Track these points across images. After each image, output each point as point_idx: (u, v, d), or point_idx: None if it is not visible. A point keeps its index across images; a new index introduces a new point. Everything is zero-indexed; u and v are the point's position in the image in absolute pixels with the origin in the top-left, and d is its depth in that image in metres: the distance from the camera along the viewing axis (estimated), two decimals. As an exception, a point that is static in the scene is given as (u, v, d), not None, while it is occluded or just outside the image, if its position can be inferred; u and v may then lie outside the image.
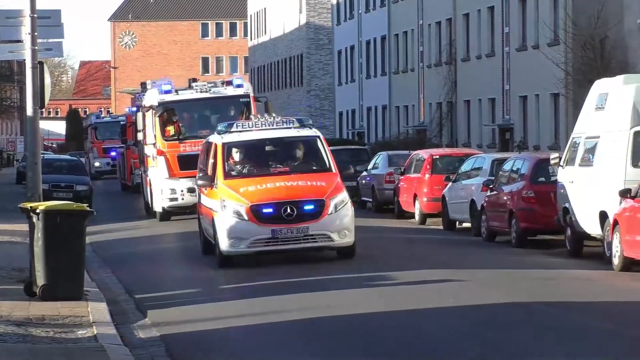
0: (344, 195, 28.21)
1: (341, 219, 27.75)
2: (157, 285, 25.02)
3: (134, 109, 55.61)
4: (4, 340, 17.03)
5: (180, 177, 40.66)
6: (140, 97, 48.49)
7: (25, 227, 22.70)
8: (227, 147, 29.14)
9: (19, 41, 25.93)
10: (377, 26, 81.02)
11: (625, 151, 25.64)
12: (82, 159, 75.09)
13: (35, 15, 25.75)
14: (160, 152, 40.86)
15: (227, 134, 29.66)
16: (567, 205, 29.10)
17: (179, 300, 23.06)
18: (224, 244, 27.12)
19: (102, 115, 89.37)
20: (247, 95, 41.83)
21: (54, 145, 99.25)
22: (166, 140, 40.90)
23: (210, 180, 28.72)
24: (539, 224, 31.00)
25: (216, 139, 29.77)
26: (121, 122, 67.02)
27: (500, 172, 34.32)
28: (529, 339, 17.71)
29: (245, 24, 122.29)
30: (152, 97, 42.02)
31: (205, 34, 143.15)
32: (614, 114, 27.24)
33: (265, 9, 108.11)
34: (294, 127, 30.08)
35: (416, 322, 19.36)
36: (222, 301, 23.09)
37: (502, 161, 35.96)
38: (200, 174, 30.58)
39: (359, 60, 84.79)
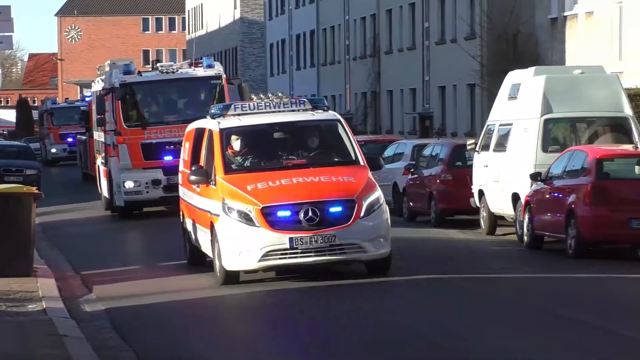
0: (377, 194, 20.19)
1: (376, 225, 19.69)
2: (102, 263, 24.92)
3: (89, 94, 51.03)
4: (-41, 314, 17.02)
5: (144, 168, 33.94)
6: (96, 81, 41.63)
7: (-22, 209, 22.55)
8: (226, 134, 21.52)
9: (-28, 35, 25.84)
10: (306, 21, 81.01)
11: (536, 138, 25.78)
12: (37, 145, 75.82)
13: (-13, 11, 25.66)
14: (121, 140, 33.79)
15: (224, 119, 21.98)
16: (482, 187, 29.26)
17: (123, 276, 23.00)
18: (228, 256, 19.64)
19: (58, 101, 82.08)
20: (219, 77, 34.70)
21: (5, 132, 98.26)
22: (128, 127, 33.86)
23: (206, 176, 21.03)
24: (456, 205, 31.15)
25: (210, 124, 22.11)
26: (82, 108, 59.68)
27: (421, 157, 34.49)
28: (446, 309, 17.90)
29: (184, 19, 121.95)
30: (112, 79, 34.99)
31: (146, 28, 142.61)
32: (525, 103, 27.37)
33: (202, 4, 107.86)
34: (306, 110, 22.34)
35: (346, 295, 19.44)
36: (161, 277, 23.02)
37: (422, 147, 36.18)
38: (193, 168, 22.06)
39: (290, 53, 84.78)
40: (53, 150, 72.62)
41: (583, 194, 22.58)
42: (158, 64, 35.87)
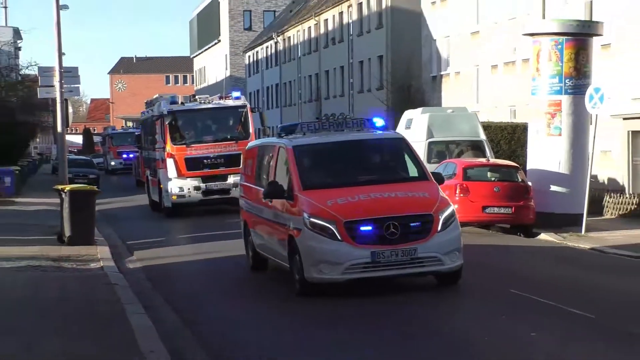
0: (451, 209, 15.30)
1: (452, 238, 15.04)
2: (141, 236, 24.75)
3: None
4: (45, 270, 16.83)
5: (187, 177, 30.45)
6: (146, 112, 37.32)
7: (57, 200, 22.42)
8: (299, 151, 16.03)
9: (52, 86, 25.63)
10: (273, 78, 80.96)
11: (423, 154, 25.87)
12: (101, 159, 74.11)
13: (62, 70, 25.49)
14: (169, 155, 30.49)
15: (293, 137, 16.57)
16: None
17: (154, 244, 22.86)
18: (310, 270, 14.64)
19: (116, 128, 78.66)
20: (245, 106, 31.65)
21: (74, 150, 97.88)
22: (174, 145, 30.45)
23: (282, 191, 15.60)
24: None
25: (281, 142, 16.43)
26: (135, 133, 56.61)
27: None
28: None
29: (192, 76, 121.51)
30: (161, 107, 31.74)
31: (167, 82, 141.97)
32: (416, 131, 27.49)
33: (204, 67, 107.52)
34: (368, 129, 17.12)
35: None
36: (178, 245, 22.87)
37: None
38: (269, 183, 16.15)
39: (262, 99, 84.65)
40: (112, 163, 68.96)
41: (453, 190, 22.64)
42: (197, 96, 33.03)
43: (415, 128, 28.00)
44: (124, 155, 65.87)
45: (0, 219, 27.73)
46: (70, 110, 27.28)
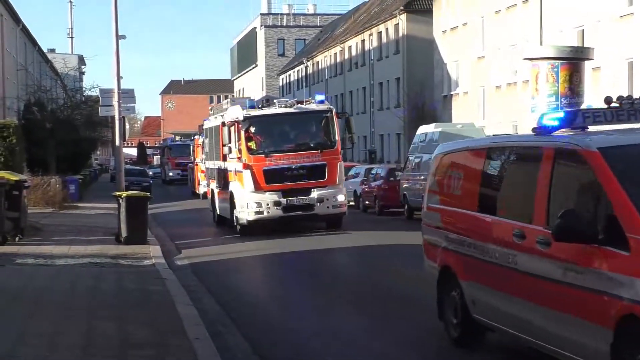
0: None
1: None
2: (188, 236, 24.78)
3: (201, 134, 39.83)
4: (104, 266, 16.85)
5: (265, 191, 23.72)
6: (210, 119, 30.76)
7: (115, 205, 22.48)
8: (617, 158, 7.28)
9: (111, 105, 25.74)
10: (303, 97, 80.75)
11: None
12: (158, 170, 72.23)
13: (120, 92, 25.61)
14: (246, 166, 23.87)
15: (586, 134, 8.06)
16: (405, 192, 29.17)
17: (199, 244, 22.88)
18: None
19: (174, 139, 71.16)
20: (330, 111, 24.62)
21: (130, 162, 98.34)
22: (252, 154, 23.83)
23: (599, 231, 6.91)
24: (391, 202, 31.07)
25: (569, 141, 7.76)
26: (185, 144, 55.09)
27: (370, 175, 34.43)
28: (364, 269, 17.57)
29: (233, 97, 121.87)
30: (236, 113, 24.82)
31: (211, 101, 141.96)
32: (429, 143, 27.44)
33: (244, 88, 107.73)
34: None
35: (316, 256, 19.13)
36: (224, 244, 22.86)
37: (370, 169, 36.16)
38: (569, 218, 6.96)
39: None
40: (170, 174, 63.80)
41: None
42: (275, 100, 26.17)
43: (428, 141, 28.02)
44: (182, 166, 59.52)
45: (65, 221, 27.84)
46: (127, 126, 27.44)
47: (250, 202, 23.82)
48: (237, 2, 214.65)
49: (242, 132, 23.97)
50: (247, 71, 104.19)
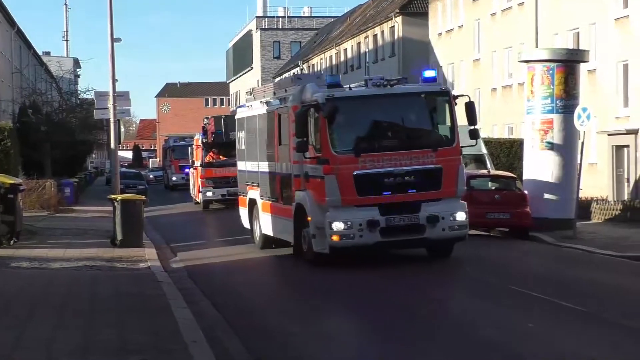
0: None
1: None
2: (183, 238, 24.73)
3: (200, 134, 38.14)
4: (100, 269, 16.82)
5: (355, 205, 16.40)
6: (247, 106, 21.82)
7: (110, 208, 22.44)
8: None
9: (106, 108, 25.71)
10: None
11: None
12: (160, 173, 68.17)
13: (115, 94, 25.59)
14: (328, 170, 16.40)
15: None
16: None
17: (195, 246, 22.80)
18: None
19: (178, 139, 61.55)
20: (447, 92, 17.22)
21: (125, 165, 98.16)
22: (337, 153, 16.41)
23: None
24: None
25: None
26: (189, 145, 46.55)
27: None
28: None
29: (228, 99, 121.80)
30: (306, 94, 17.32)
31: (206, 104, 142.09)
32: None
33: (239, 90, 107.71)
34: None
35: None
36: (217, 247, 22.69)
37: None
38: None
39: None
40: (174, 178, 57.21)
41: (461, 198, 21.39)
42: (365, 77, 18.33)
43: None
44: (186, 170, 50.12)
45: (61, 224, 27.80)
46: (122, 129, 27.52)
47: (333, 221, 16.31)
48: (232, 5, 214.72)
49: (324, 121, 16.39)
50: (243, 74, 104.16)
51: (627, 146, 30.61)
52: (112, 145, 25.92)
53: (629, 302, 13.08)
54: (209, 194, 36.75)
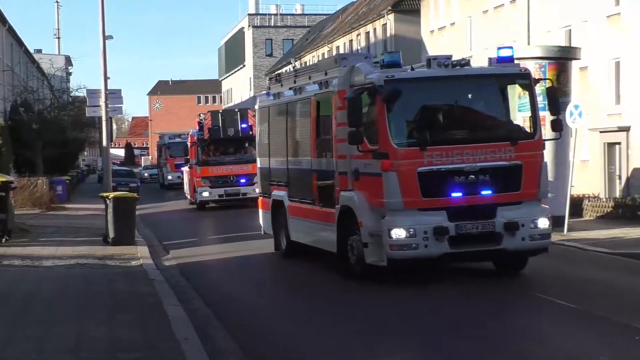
0: None
1: None
2: (175, 236, 24.72)
3: (196, 130, 35.40)
4: (92, 267, 16.82)
5: (419, 208, 13.69)
6: (269, 95, 19.01)
7: (102, 206, 22.45)
8: None
9: (98, 106, 25.66)
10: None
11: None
12: (155, 171, 66.06)
13: (107, 92, 25.54)
14: (388, 165, 13.65)
15: None
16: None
17: (187, 244, 22.80)
18: None
19: (174, 136, 57.89)
20: (528, 75, 14.84)
21: (118, 162, 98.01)
22: (399, 146, 13.66)
23: None
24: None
25: None
26: (184, 142, 43.04)
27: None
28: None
29: (221, 97, 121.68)
30: (362, 74, 14.50)
31: (199, 102, 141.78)
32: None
33: (231, 88, 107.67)
34: None
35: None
36: (209, 245, 22.72)
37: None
38: None
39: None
40: (169, 177, 54.66)
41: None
42: (427, 55, 15.30)
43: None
44: (182, 168, 44.76)
45: (53, 222, 27.78)
46: (114, 127, 27.43)
47: (393, 228, 13.65)
48: (224, 2, 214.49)
49: (383, 107, 13.82)
50: (235, 71, 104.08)
51: (619, 143, 30.68)
52: (104, 143, 25.87)
53: (619, 299, 13.09)
54: (205, 194, 34.47)
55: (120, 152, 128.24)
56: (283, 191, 18.01)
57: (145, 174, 71.99)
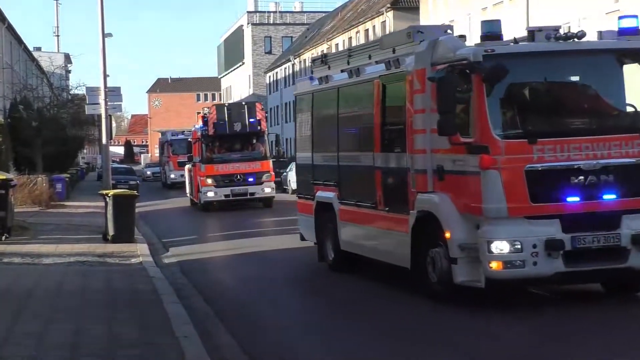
0: None
1: None
2: (175, 234, 24.69)
3: (200, 125, 33.17)
4: (92, 264, 16.79)
5: (530, 217, 10.72)
6: (312, 80, 16.31)
7: (102, 203, 22.45)
8: None
9: (98, 104, 25.65)
10: (290, 95, 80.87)
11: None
12: (157, 169, 63.72)
13: (107, 90, 25.52)
14: (489, 162, 10.68)
15: None
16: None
17: (187, 242, 22.76)
18: None
19: (176, 132, 55.35)
20: None
21: (117, 160, 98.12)
22: (503, 137, 10.70)
23: None
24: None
25: None
26: (188, 139, 40.53)
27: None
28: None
29: (220, 94, 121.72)
30: (450, 49, 11.51)
31: (198, 99, 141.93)
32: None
33: (231, 86, 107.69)
34: None
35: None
36: (209, 242, 22.73)
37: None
38: None
39: (281, 114, 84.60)
40: (172, 176, 51.72)
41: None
42: (529, 27, 12.16)
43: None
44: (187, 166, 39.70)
45: (53, 220, 27.78)
46: (114, 124, 27.35)
47: (494, 240, 10.91)
48: (223, 0, 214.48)
49: (482, 88, 11.01)
50: (234, 69, 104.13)
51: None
52: (104, 140, 25.87)
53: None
54: (210, 194, 31.93)
55: (120, 150, 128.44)
56: (331, 192, 15.19)
57: (148, 172, 70.85)
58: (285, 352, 9.92)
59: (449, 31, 12.63)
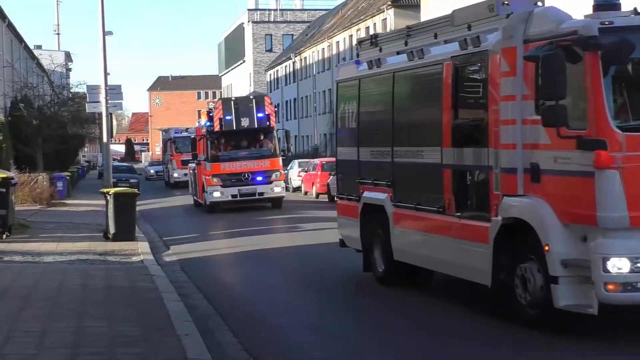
0: None
1: None
2: (176, 232, 24.70)
3: (205, 121, 31.30)
4: (93, 262, 16.81)
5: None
6: (359, 64, 14.12)
7: (103, 202, 22.45)
8: None
9: (98, 102, 25.67)
10: (291, 93, 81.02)
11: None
12: (160, 167, 62.79)
13: (107, 88, 25.55)
14: (607, 159, 8.54)
15: None
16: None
17: (188, 240, 22.77)
18: None
19: (180, 130, 53.56)
20: None
21: (118, 158, 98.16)
22: (624, 130, 8.51)
23: None
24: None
25: None
26: (191, 136, 38.12)
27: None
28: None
29: (221, 92, 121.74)
30: (552, 22, 9.81)
31: (199, 97, 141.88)
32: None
33: (231, 84, 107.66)
34: None
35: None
36: (211, 240, 22.73)
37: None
38: None
39: (282, 112, 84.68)
40: (175, 174, 50.69)
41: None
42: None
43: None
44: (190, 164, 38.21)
45: (53, 218, 27.79)
46: (114, 122, 27.33)
47: (612, 256, 8.94)
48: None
49: (597, 71, 9.02)
50: (235, 67, 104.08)
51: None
52: (105, 138, 25.88)
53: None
54: (217, 194, 30.38)
55: (121, 148, 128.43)
56: (382, 193, 13.12)
57: (151, 171, 69.07)
58: (286, 350, 9.92)
59: (539, 3, 10.78)
